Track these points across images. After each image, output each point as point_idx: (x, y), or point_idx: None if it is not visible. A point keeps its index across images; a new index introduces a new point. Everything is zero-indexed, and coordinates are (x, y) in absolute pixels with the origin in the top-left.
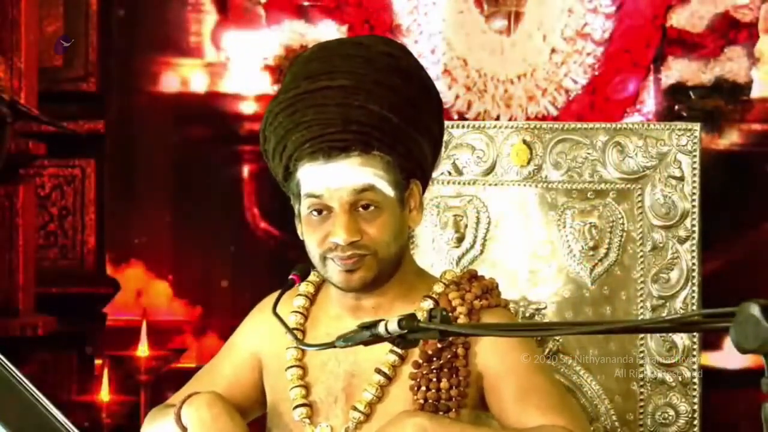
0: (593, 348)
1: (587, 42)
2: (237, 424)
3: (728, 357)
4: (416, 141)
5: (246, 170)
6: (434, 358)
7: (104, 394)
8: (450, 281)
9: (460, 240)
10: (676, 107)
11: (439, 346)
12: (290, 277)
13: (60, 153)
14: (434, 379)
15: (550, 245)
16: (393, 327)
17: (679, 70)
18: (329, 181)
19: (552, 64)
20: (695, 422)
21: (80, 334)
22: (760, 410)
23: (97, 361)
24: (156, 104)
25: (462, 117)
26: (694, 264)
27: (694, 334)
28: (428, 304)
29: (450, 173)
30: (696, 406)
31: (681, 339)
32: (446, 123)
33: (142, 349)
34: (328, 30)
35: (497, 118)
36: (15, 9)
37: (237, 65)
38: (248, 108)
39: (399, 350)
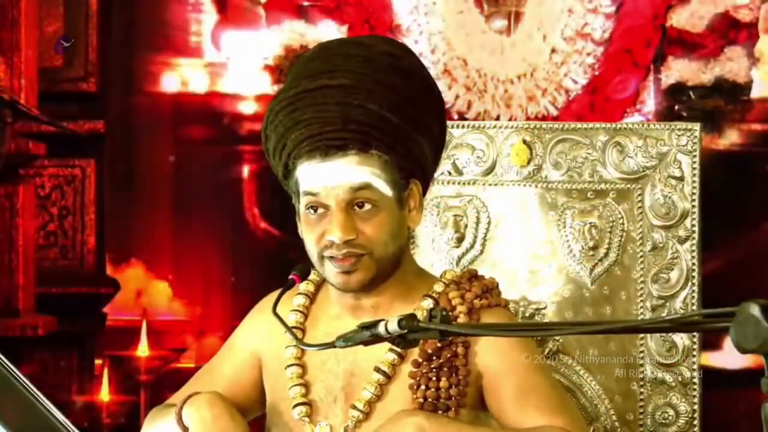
0: (593, 348)
1: (587, 42)
2: (238, 423)
3: (728, 357)
4: (416, 141)
5: (246, 170)
6: (434, 357)
7: (104, 394)
8: (450, 281)
9: (460, 240)
10: (676, 107)
11: (438, 345)
12: (290, 276)
13: (60, 153)
14: (434, 378)
15: (550, 245)
16: (393, 327)
17: (679, 70)
18: (326, 179)
19: (552, 64)
20: (695, 422)
21: (80, 334)
22: (760, 410)
23: (97, 361)
24: (156, 104)
25: (462, 117)
26: (694, 264)
27: (694, 334)
28: (428, 303)
29: (450, 173)
30: (696, 406)
31: (681, 339)
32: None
33: (142, 349)
34: (328, 30)
35: (497, 118)
36: (15, 9)
37: (237, 65)
38: (248, 108)
39: (398, 349)
